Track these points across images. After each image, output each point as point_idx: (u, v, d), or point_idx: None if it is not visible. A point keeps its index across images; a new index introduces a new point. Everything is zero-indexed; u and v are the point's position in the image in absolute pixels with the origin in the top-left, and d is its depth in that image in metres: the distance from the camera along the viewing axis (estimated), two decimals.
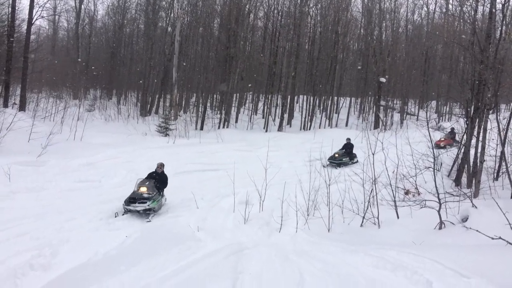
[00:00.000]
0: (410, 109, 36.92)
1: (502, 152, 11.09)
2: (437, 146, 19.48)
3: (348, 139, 18.73)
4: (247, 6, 29.94)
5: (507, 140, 11.07)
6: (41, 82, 33.35)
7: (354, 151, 18.48)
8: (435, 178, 9.01)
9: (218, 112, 31.15)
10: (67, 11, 48.27)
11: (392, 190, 9.56)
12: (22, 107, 22.18)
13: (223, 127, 27.31)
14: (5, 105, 21.10)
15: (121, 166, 13.96)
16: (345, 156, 17.91)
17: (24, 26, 24.21)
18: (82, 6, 45.96)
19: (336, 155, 17.67)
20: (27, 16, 23.56)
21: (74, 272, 5.85)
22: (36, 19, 25.61)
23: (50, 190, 10.46)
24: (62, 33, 55.00)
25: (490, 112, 11.37)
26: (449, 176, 13.04)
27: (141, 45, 37.25)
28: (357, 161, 17.90)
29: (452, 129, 22.66)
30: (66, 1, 50.07)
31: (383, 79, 29.55)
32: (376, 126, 29.98)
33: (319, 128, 29.72)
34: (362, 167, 10.31)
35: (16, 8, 22.41)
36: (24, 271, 5.72)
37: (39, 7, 26.42)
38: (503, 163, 11.07)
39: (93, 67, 41.89)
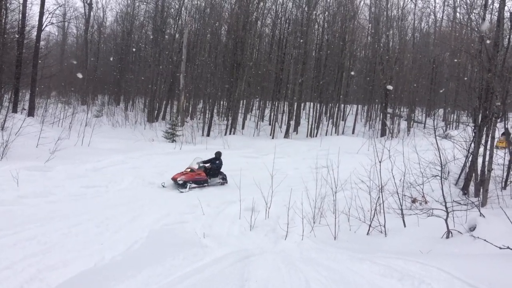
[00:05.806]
0: (417, 117, 36.80)
1: (510, 161, 11.01)
2: None
3: None
4: (255, 14, 30.11)
5: None
6: (49, 88, 33.67)
7: None
8: (442, 187, 8.94)
9: (225, 119, 31.26)
10: (77, 18, 48.93)
11: (399, 198, 9.49)
12: (31, 113, 22.44)
13: (230, 133, 27.40)
14: (14, 110, 21.35)
15: (128, 172, 14.03)
16: None
17: (34, 33, 24.52)
18: (91, 13, 46.48)
19: None
20: (37, 23, 23.90)
21: (81, 277, 5.87)
22: (46, 26, 25.98)
23: (58, 195, 10.52)
24: (71, 39, 55.68)
25: (498, 120, 11.30)
26: (457, 184, 12.94)
27: (149, 52, 37.58)
28: None
29: None
30: (75, 8, 50.68)
31: (389, 87, 29.54)
32: (383, 133, 29.92)
33: (326, 135, 29.71)
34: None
35: (27, 14, 22.72)
36: (31, 276, 5.74)
37: (49, 13, 26.77)
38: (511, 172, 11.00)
39: (101, 69, 42.26)
